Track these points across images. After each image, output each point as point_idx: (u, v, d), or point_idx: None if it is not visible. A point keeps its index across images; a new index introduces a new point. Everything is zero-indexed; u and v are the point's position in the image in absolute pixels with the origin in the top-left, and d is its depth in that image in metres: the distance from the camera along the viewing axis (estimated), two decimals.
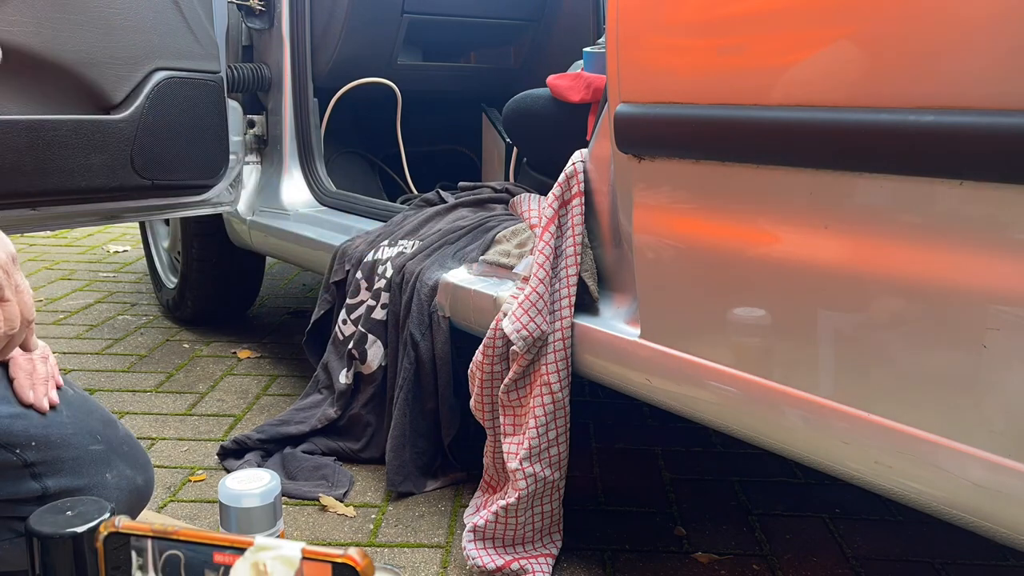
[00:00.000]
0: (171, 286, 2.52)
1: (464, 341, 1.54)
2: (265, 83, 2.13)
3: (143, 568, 0.54)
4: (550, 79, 1.61)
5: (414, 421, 1.54)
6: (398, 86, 2.29)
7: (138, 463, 1.02)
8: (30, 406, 0.92)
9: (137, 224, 3.55)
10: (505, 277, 1.42)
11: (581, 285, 1.28)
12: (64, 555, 0.82)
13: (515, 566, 1.28)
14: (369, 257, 1.66)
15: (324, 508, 1.48)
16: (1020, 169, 0.74)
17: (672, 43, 1.03)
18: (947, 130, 0.77)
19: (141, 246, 3.52)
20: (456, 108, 2.61)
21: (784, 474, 1.66)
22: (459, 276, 1.48)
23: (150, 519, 1.36)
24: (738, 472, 1.66)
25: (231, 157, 2.01)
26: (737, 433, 1.07)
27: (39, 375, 0.94)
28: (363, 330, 1.61)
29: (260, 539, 0.48)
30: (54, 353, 2.22)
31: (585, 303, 1.28)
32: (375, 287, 1.61)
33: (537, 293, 1.26)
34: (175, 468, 1.62)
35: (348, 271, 1.70)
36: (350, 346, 1.63)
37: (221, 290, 2.40)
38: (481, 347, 1.34)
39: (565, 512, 1.38)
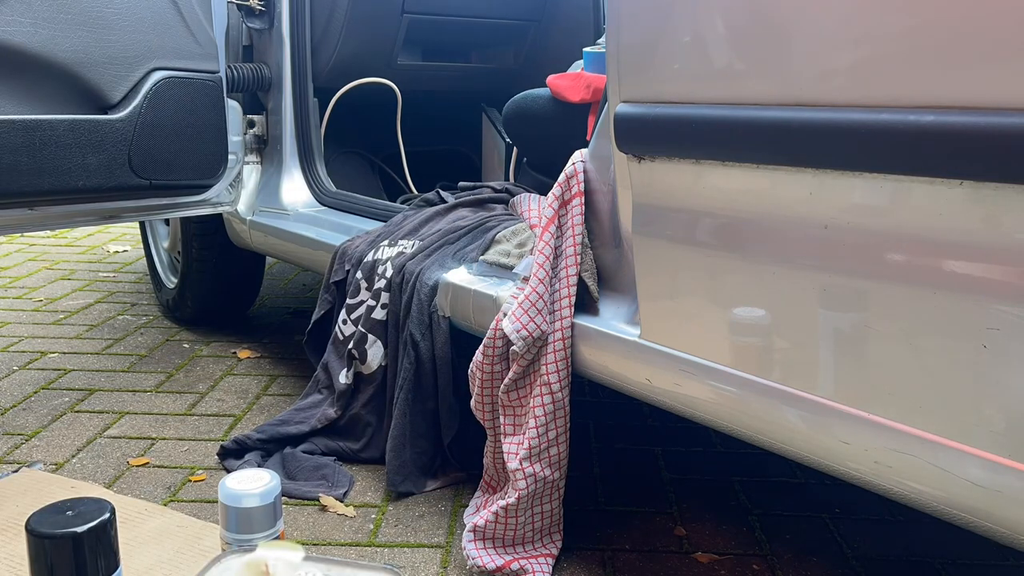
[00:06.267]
0: (171, 286, 2.52)
1: (464, 341, 1.54)
2: (265, 83, 2.13)
3: None
4: (550, 79, 1.61)
5: (414, 421, 1.54)
6: (398, 86, 2.29)
7: None
8: None
9: (137, 224, 3.56)
10: (505, 277, 1.42)
11: (581, 285, 1.28)
12: (64, 555, 0.82)
13: (515, 566, 1.28)
14: (369, 257, 1.66)
15: (324, 508, 1.48)
16: (1020, 169, 0.74)
17: (672, 43, 1.03)
18: (947, 130, 0.77)
19: (141, 246, 3.52)
20: (456, 108, 2.61)
21: (784, 474, 1.66)
22: (459, 276, 1.48)
23: (153, 512, 1.36)
24: (738, 472, 1.66)
25: (231, 157, 2.01)
26: (737, 433, 1.07)
27: None
28: (363, 330, 1.61)
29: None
30: (54, 353, 2.22)
31: (585, 303, 1.28)
32: (375, 287, 1.61)
33: (537, 293, 1.26)
34: (175, 468, 1.62)
35: (348, 271, 1.70)
36: (350, 346, 1.63)
37: (221, 290, 2.40)
38: (481, 347, 1.34)
39: (565, 512, 1.38)
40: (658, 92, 1.06)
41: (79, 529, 0.82)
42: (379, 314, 1.59)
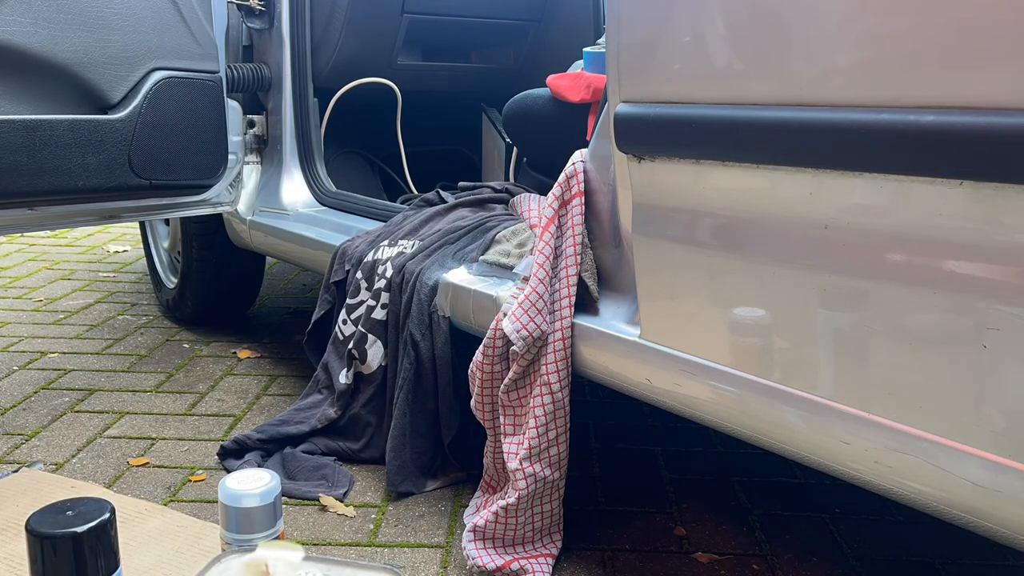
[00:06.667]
0: (171, 286, 2.52)
1: (464, 341, 1.54)
2: (265, 83, 2.13)
3: None
4: (550, 79, 1.61)
5: (414, 421, 1.54)
6: (398, 86, 2.29)
7: None
8: None
9: (137, 224, 3.56)
10: (505, 277, 1.42)
11: (581, 285, 1.28)
12: (64, 555, 0.82)
13: (515, 566, 1.28)
14: (369, 257, 1.66)
15: (324, 508, 1.48)
16: (1020, 169, 0.74)
17: (672, 43, 1.03)
18: (947, 130, 0.77)
19: (141, 246, 3.52)
20: (456, 108, 2.61)
21: (784, 474, 1.66)
22: (459, 276, 1.48)
23: (153, 512, 1.36)
24: (738, 472, 1.66)
25: (231, 157, 2.01)
26: (737, 433, 1.07)
27: None
28: (363, 330, 1.61)
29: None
30: (54, 353, 2.22)
31: (585, 303, 1.28)
32: (375, 287, 1.61)
33: (537, 293, 1.26)
34: (175, 468, 1.62)
35: (348, 271, 1.70)
36: (350, 346, 1.63)
37: (221, 290, 2.40)
38: (481, 347, 1.34)
39: (565, 512, 1.38)
40: (658, 92, 1.06)
41: (79, 529, 0.82)
42: (379, 314, 1.59)
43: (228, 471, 1.60)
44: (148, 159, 1.71)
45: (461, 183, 1.92)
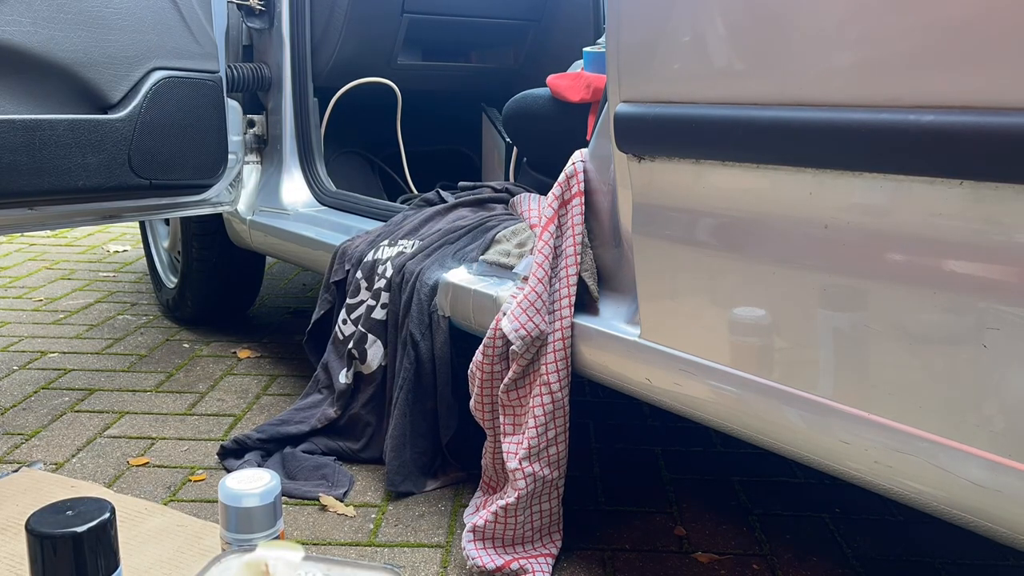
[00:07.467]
0: (171, 286, 2.52)
1: (464, 341, 1.54)
2: (265, 83, 2.13)
3: None
4: (550, 79, 1.61)
5: (414, 421, 1.54)
6: (398, 86, 2.29)
7: None
8: None
9: (137, 224, 3.56)
10: (505, 277, 1.42)
11: (581, 285, 1.28)
12: (64, 555, 0.82)
13: (515, 566, 1.28)
14: (369, 257, 1.66)
15: (324, 508, 1.48)
16: (1020, 169, 0.74)
17: (672, 43, 1.03)
18: (947, 130, 0.77)
19: (141, 246, 3.52)
20: (456, 108, 2.61)
21: (784, 474, 1.66)
22: (459, 276, 1.48)
23: (153, 511, 1.36)
24: (738, 472, 1.66)
25: (231, 157, 2.01)
26: (737, 433, 1.07)
27: None
28: (363, 330, 1.61)
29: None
30: (54, 353, 2.22)
31: (585, 303, 1.28)
32: (375, 287, 1.61)
33: (536, 293, 1.26)
34: (175, 468, 1.62)
35: (348, 271, 1.70)
36: (350, 346, 1.63)
37: (221, 290, 2.40)
38: (481, 347, 1.34)
39: (565, 512, 1.38)
40: (658, 92, 1.06)
41: (79, 529, 0.82)
42: (379, 314, 1.59)
43: (228, 471, 1.60)
44: (148, 159, 1.72)
45: (461, 183, 1.92)
